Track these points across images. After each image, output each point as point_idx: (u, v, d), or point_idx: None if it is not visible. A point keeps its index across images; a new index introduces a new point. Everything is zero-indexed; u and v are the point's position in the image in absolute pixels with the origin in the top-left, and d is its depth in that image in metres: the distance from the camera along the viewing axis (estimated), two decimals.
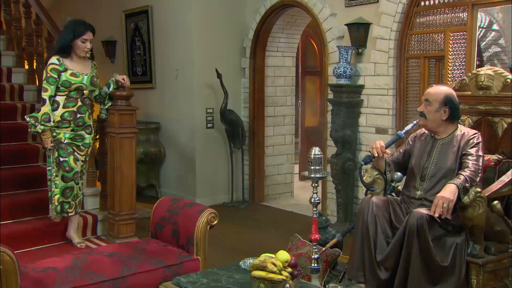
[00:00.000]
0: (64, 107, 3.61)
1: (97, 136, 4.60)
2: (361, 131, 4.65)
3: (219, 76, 5.30)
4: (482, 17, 4.05)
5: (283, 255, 2.25)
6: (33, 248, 3.73)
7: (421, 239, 2.53)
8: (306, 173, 2.75)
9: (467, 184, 2.56)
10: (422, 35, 4.28)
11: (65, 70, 3.57)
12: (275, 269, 2.17)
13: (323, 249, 3.04)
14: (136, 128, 4.07)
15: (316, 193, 2.77)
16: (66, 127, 3.64)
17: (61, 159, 3.63)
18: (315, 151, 2.72)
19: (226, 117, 5.38)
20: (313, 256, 2.81)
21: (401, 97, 4.40)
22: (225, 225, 4.49)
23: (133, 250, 2.76)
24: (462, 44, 4.02)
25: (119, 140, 3.94)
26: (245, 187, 5.77)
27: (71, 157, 3.66)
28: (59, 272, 2.44)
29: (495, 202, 2.73)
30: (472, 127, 3.07)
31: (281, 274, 2.18)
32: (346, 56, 4.49)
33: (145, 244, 2.88)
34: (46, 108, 3.53)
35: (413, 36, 4.32)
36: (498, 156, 3.00)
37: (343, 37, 4.78)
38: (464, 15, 3.99)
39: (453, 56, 4.07)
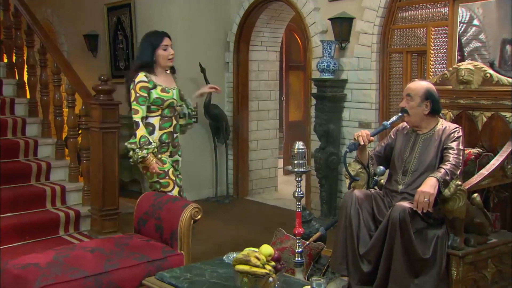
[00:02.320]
0: (160, 129, 3.25)
1: (80, 131, 4.57)
2: (344, 125, 4.68)
3: (202, 70, 5.28)
4: (463, 12, 4.08)
5: (267, 249, 2.26)
6: (14, 245, 3.68)
7: (403, 232, 2.56)
8: (290, 167, 2.76)
9: (447, 177, 2.59)
10: (404, 29, 4.31)
11: (155, 86, 3.21)
12: (258, 263, 2.17)
13: (307, 243, 3.06)
14: (119, 123, 4.04)
15: (300, 187, 2.78)
16: (165, 151, 3.30)
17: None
18: (299, 145, 2.73)
19: (210, 111, 5.37)
20: (296, 250, 2.83)
21: (384, 91, 4.44)
22: (209, 220, 4.49)
23: (116, 245, 2.75)
24: (444, 39, 4.06)
25: (102, 135, 3.91)
26: (229, 182, 5.77)
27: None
28: (40, 268, 2.41)
29: (475, 194, 2.77)
30: (453, 121, 3.11)
31: (264, 268, 2.18)
32: (330, 50, 4.51)
33: (128, 239, 2.86)
34: (142, 131, 3.13)
35: (396, 30, 4.35)
36: (478, 149, 3.04)
37: (326, 31, 4.79)
38: (445, 10, 4.03)
39: (435, 51, 4.11)
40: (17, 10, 4.84)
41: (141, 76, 3.19)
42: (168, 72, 3.39)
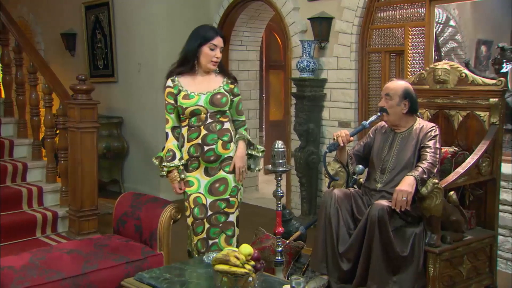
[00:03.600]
0: (188, 140, 2.80)
1: (57, 131, 4.50)
2: (324, 125, 4.70)
3: None
4: (439, 13, 4.16)
5: (246, 249, 2.26)
6: None
7: (382, 231, 2.58)
8: (270, 166, 2.76)
9: (424, 176, 2.63)
10: (383, 29, 4.35)
11: (179, 92, 2.79)
12: (238, 262, 2.17)
13: (287, 242, 3.07)
14: (97, 123, 3.99)
15: (280, 186, 2.78)
16: (196, 167, 2.82)
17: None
18: (278, 144, 2.74)
19: None
20: (276, 249, 2.84)
21: (363, 90, 4.48)
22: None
23: (94, 247, 2.72)
24: (421, 39, 4.11)
25: (80, 135, 3.86)
26: None
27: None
28: (16, 271, 2.37)
29: (451, 192, 2.82)
30: (430, 120, 3.15)
31: (244, 268, 2.18)
32: (309, 50, 4.53)
33: (107, 240, 2.83)
34: (169, 144, 2.82)
35: (374, 30, 4.40)
36: (455, 148, 3.09)
37: (306, 31, 4.81)
38: (422, 11, 4.08)
39: (413, 51, 4.16)
40: None
41: (168, 81, 2.84)
42: (216, 71, 2.91)
